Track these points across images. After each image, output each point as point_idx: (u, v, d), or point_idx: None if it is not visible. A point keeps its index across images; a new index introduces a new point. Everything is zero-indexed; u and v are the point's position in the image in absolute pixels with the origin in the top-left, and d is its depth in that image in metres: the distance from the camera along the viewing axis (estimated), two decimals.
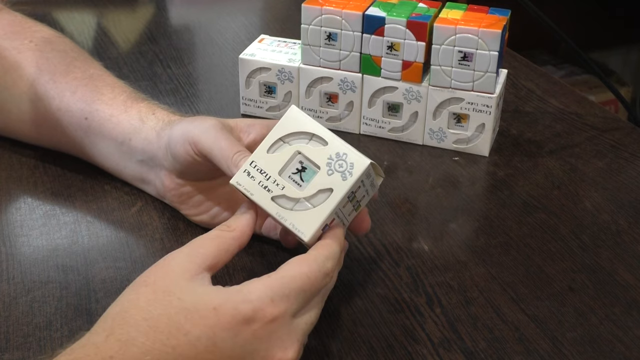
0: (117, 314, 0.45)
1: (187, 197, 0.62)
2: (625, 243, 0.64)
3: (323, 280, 0.48)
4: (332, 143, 0.52)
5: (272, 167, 0.52)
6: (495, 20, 0.71)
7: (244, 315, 0.45)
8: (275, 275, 0.47)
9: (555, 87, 0.90)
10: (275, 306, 0.45)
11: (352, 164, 0.51)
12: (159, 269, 0.47)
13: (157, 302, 0.45)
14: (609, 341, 0.54)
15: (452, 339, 0.54)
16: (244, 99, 0.81)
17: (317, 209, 0.51)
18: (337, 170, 0.51)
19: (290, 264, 0.48)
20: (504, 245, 0.64)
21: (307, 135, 0.52)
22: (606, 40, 1.90)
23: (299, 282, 0.47)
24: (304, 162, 0.52)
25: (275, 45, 0.81)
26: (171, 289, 0.45)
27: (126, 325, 0.44)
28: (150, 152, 0.63)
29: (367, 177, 0.52)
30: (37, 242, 0.62)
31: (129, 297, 0.46)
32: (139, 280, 0.47)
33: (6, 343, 0.53)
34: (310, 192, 0.51)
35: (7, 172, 0.71)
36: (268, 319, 0.45)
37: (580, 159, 0.76)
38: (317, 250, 0.50)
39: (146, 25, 1.05)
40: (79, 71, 0.69)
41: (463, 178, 0.73)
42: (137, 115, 0.64)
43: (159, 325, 0.44)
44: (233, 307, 0.45)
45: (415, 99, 0.75)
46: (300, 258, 0.49)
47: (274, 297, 0.45)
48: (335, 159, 0.51)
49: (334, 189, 0.51)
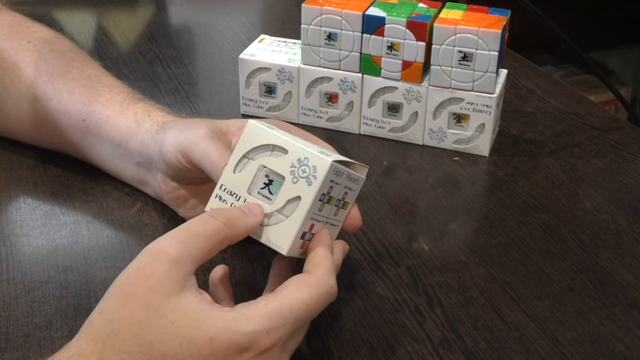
0: (107, 336, 0.43)
1: (184, 200, 0.62)
2: (625, 243, 0.64)
3: (327, 300, 0.48)
4: (292, 150, 0.51)
5: (240, 187, 0.51)
6: (495, 20, 0.71)
7: (239, 346, 0.44)
8: (273, 303, 0.45)
9: (555, 87, 0.90)
10: (271, 337, 0.45)
11: (314, 167, 0.50)
12: (147, 276, 0.45)
13: (149, 325, 0.43)
14: (609, 341, 0.54)
15: (452, 339, 0.54)
16: (244, 99, 0.81)
17: (289, 219, 0.50)
18: (300, 177, 0.50)
19: (290, 290, 0.46)
20: (504, 245, 0.64)
21: (268, 148, 0.51)
22: (606, 40, 1.90)
23: (297, 311, 0.46)
24: (269, 175, 0.51)
25: (275, 45, 0.81)
26: (163, 309, 0.44)
27: (118, 350, 0.43)
28: (147, 155, 0.63)
29: (338, 175, 0.51)
30: (37, 242, 0.62)
31: (119, 314, 0.44)
32: (127, 287, 0.45)
33: (6, 343, 0.53)
34: (280, 204, 0.50)
35: (7, 172, 0.71)
36: (262, 349, 0.44)
37: (580, 159, 0.76)
38: (316, 268, 0.48)
39: (146, 25, 1.05)
40: (76, 72, 0.69)
41: (463, 178, 0.73)
42: (134, 117, 0.64)
43: (152, 353, 0.43)
44: (229, 339, 0.44)
45: (415, 99, 0.75)
46: (302, 281, 0.47)
47: (270, 330, 0.44)
48: (297, 166, 0.50)
49: (302, 195, 0.50)
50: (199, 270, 0.47)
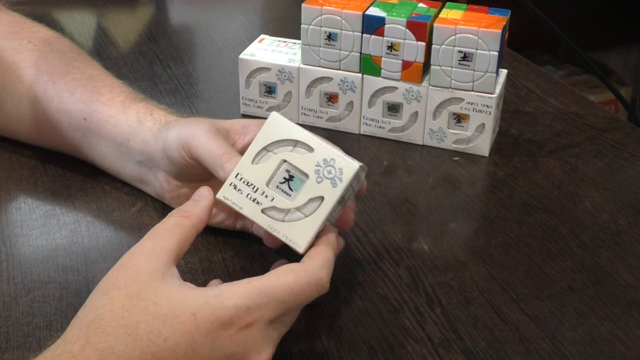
0: (91, 322, 0.44)
1: (185, 199, 0.62)
2: (625, 243, 0.64)
3: (314, 290, 0.48)
4: (319, 149, 0.51)
5: (258, 178, 0.51)
6: (495, 20, 0.71)
7: (222, 320, 0.45)
8: (257, 282, 0.46)
9: (555, 87, 0.90)
10: (251, 314, 0.45)
11: (340, 169, 0.50)
12: (127, 270, 0.46)
13: (132, 308, 0.44)
14: (609, 341, 0.54)
15: (452, 339, 0.54)
16: (244, 99, 0.81)
17: (310, 218, 0.50)
18: (326, 177, 0.50)
19: (277, 273, 0.47)
20: (504, 245, 0.64)
21: (291, 143, 0.51)
22: (606, 40, 1.90)
23: (279, 293, 0.46)
24: (290, 171, 0.51)
25: (275, 45, 0.81)
26: (145, 292, 0.45)
27: (103, 334, 0.44)
28: (148, 154, 0.63)
29: (356, 178, 0.52)
30: (37, 242, 0.62)
31: (101, 303, 0.45)
32: (107, 283, 0.46)
33: (6, 343, 0.53)
34: (301, 202, 0.50)
35: (7, 172, 0.71)
36: (243, 325, 0.45)
37: (580, 159, 0.76)
38: (310, 260, 0.49)
39: (146, 25, 1.05)
40: (77, 72, 0.69)
41: (463, 178, 0.73)
42: (135, 116, 0.64)
43: (138, 333, 0.44)
44: (211, 313, 0.45)
45: (415, 99, 0.75)
46: (290, 268, 0.48)
47: (250, 306, 0.45)
48: (323, 166, 0.50)
49: (325, 196, 0.50)
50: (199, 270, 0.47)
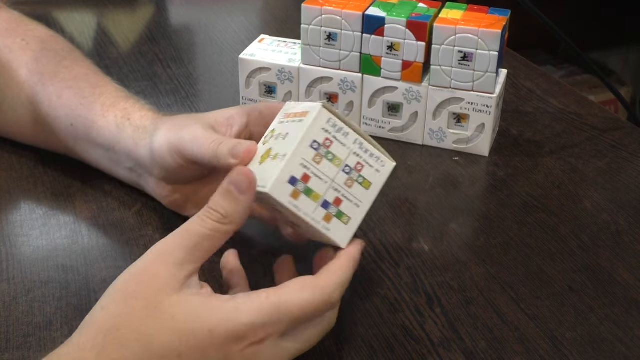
0: (108, 331, 0.44)
1: (183, 202, 0.62)
2: (625, 243, 0.64)
3: (326, 308, 0.47)
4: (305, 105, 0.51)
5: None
6: (495, 20, 0.71)
7: (237, 335, 0.45)
8: (274, 297, 0.46)
9: (555, 87, 0.90)
10: (265, 330, 0.45)
11: (309, 113, 0.50)
12: (149, 278, 0.45)
13: (149, 320, 0.44)
14: (609, 341, 0.54)
15: (452, 339, 0.54)
16: (244, 99, 0.81)
17: (277, 159, 0.49)
18: (296, 121, 0.50)
19: (294, 288, 0.47)
20: (504, 245, 0.64)
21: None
22: (606, 40, 1.90)
23: (295, 310, 0.46)
24: None
25: (275, 45, 0.81)
26: (164, 305, 0.45)
27: (118, 345, 0.43)
28: (135, 161, 0.62)
29: (337, 131, 0.49)
30: (37, 242, 0.62)
31: (119, 310, 0.45)
32: (128, 289, 0.45)
33: (6, 343, 0.53)
34: (275, 148, 0.50)
35: (7, 172, 0.71)
36: (257, 340, 0.45)
37: (580, 159, 0.76)
38: (328, 276, 0.48)
39: (146, 25, 1.05)
40: (66, 71, 0.67)
41: (463, 178, 0.73)
42: (114, 122, 0.63)
43: (152, 348, 0.44)
44: (227, 329, 0.45)
45: (415, 99, 0.75)
46: (308, 282, 0.47)
47: (266, 322, 0.45)
48: (299, 112, 0.51)
49: (290, 132, 0.49)
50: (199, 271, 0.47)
